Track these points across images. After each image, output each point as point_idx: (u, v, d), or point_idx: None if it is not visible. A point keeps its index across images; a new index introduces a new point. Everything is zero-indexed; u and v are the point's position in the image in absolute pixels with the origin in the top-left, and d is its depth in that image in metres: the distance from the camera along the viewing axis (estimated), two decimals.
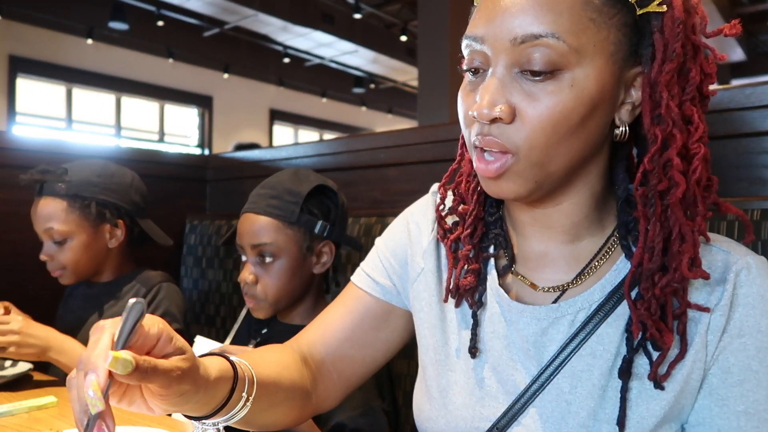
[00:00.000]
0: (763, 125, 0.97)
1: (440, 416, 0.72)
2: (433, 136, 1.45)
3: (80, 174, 1.31)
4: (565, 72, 0.58)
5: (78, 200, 1.29)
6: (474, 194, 0.74)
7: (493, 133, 0.61)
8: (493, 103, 0.59)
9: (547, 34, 0.57)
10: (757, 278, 0.62)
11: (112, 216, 1.34)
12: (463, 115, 0.65)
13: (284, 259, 1.13)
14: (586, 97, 0.59)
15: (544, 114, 0.58)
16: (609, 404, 0.63)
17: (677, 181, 0.59)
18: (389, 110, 12.69)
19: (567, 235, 0.69)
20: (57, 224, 1.28)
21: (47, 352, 1.16)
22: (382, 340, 0.82)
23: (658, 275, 0.60)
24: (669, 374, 0.61)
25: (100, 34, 7.84)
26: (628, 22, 0.60)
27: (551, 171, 0.62)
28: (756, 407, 0.61)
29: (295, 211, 1.13)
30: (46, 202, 1.28)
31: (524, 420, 0.66)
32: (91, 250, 1.32)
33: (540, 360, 0.67)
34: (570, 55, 0.57)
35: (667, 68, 0.59)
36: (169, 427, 0.90)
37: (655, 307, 0.60)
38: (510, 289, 0.72)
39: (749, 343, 0.61)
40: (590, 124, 0.60)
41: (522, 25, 0.58)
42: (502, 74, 0.60)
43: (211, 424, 0.64)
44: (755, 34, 10.05)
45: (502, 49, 0.60)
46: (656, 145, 0.59)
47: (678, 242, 0.59)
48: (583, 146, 0.62)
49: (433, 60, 4.88)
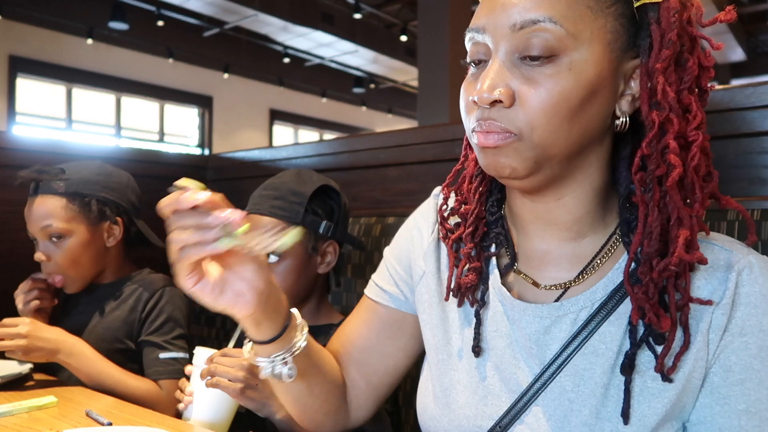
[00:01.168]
0: (763, 125, 0.97)
1: (443, 415, 0.72)
2: (433, 136, 1.45)
3: (79, 173, 1.31)
4: (563, 56, 0.60)
5: (77, 198, 1.29)
6: (476, 194, 0.75)
7: (494, 116, 0.62)
8: (493, 87, 0.61)
9: (545, 19, 0.59)
10: (759, 277, 0.62)
11: (111, 214, 1.34)
12: (465, 102, 0.66)
13: (290, 260, 1.13)
14: (584, 81, 0.60)
15: (544, 96, 0.60)
16: (611, 402, 0.63)
17: (674, 164, 0.60)
18: (389, 110, 12.70)
19: (569, 232, 0.69)
20: (56, 222, 1.26)
21: (56, 354, 1.15)
22: (401, 349, 0.84)
23: (656, 260, 0.61)
24: (675, 367, 0.61)
25: (100, 34, 7.84)
26: (625, 13, 0.62)
27: (552, 154, 0.62)
28: (757, 406, 0.61)
29: (300, 212, 1.13)
30: (43, 200, 1.27)
31: (527, 418, 0.67)
32: (90, 249, 1.31)
33: (543, 358, 0.67)
34: (567, 40, 0.59)
35: (663, 56, 0.60)
36: (170, 427, 0.90)
37: (653, 291, 0.61)
38: (512, 288, 0.72)
39: (751, 342, 0.61)
40: (590, 109, 0.62)
41: (521, 12, 0.60)
42: (502, 60, 0.62)
43: (280, 360, 0.72)
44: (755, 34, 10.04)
45: (502, 36, 0.62)
46: (654, 130, 0.61)
47: (676, 227, 0.60)
48: (584, 131, 0.63)
49: (433, 60, 4.88)
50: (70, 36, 7.76)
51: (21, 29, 7.32)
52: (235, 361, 0.93)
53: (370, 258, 1.36)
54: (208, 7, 7.97)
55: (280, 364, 0.73)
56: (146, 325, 1.30)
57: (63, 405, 1.02)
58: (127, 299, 1.33)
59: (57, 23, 7.52)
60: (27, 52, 7.42)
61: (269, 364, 0.73)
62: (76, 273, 1.30)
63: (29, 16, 7.28)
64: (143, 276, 1.40)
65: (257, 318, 0.70)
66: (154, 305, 1.32)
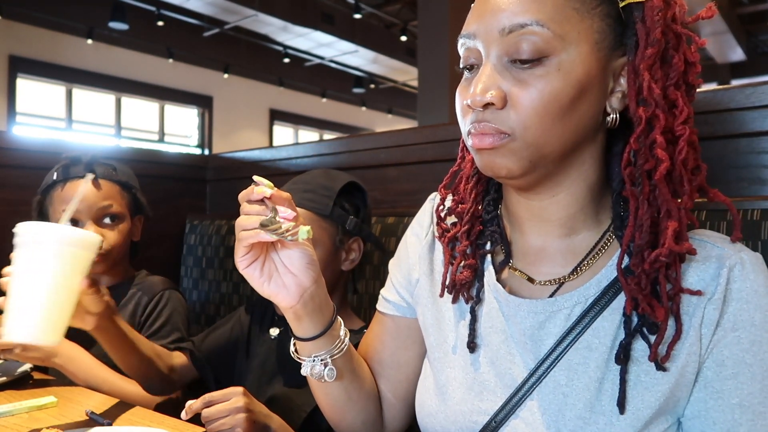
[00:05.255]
0: (763, 125, 0.98)
1: (440, 411, 0.74)
2: (433, 136, 1.45)
3: (122, 167, 1.38)
4: (552, 57, 0.62)
5: (126, 188, 1.36)
6: (472, 193, 0.77)
7: (487, 118, 0.64)
8: (486, 90, 0.63)
9: (533, 22, 0.61)
10: (750, 273, 0.63)
11: (140, 209, 1.41)
12: (460, 106, 0.68)
13: (318, 251, 1.12)
14: (573, 80, 0.62)
15: (535, 96, 0.62)
16: (606, 396, 0.64)
17: (661, 158, 0.61)
18: (389, 110, 12.70)
19: (563, 228, 0.71)
20: (116, 204, 1.32)
21: (53, 358, 1.15)
22: (415, 356, 0.85)
23: (647, 251, 0.62)
24: (669, 355, 0.63)
25: (100, 34, 7.84)
26: (611, 13, 0.64)
27: (546, 152, 0.64)
28: (750, 400, 0.62)
29: (329, 205, 1.14)
30: (103, 183, 1.31)
31: (522, 413, 0.68)
32: (127, 239, 1.36)
33: (537, 353, 0.68)
34: (555, 41, 0.61)
35: (648, 53, 0.62)
36: (170, 427, 0.90)
37: (645, 282, 0.62)
38: (507, 284, 0.74)
39: (743, 336, 0.63)
40: (580, 107, 0.63)
41: (509, 17, 0.62)
42: (493, 64, 0.64)
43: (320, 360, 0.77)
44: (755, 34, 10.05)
45: (492, 41, 0.64)
46: (641, 126, 0.62)
47: (665, 219, 0.62)
48: (576, 129, 0.64)
49: (433, 60, 4.88)
50: (70, 36, 7.76)
51: (21, 29, 7.32)
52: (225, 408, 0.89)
53: (370, 258, 1.35)
54: (208, 7, 7.97)
55: (320, 364, 0.77)
56: (145, 329, 1.31)
57: (63, 405, 1.02)
58: (128, 303, 1.34)
59: (57, 23, 7.52)
60: (27, 52, 7.43)
61: (309, 362, 0.77)
62: (118, 255, 1.34)
63: (29, 16, 7.28)
64: (142, 278, 1.40)
65: (298, 313, 0.75)
66: (154, 308, 1.32)
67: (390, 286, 0.87)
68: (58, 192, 1.29)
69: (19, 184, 1.31)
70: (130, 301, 1.34)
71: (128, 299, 1.34)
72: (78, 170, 1.30)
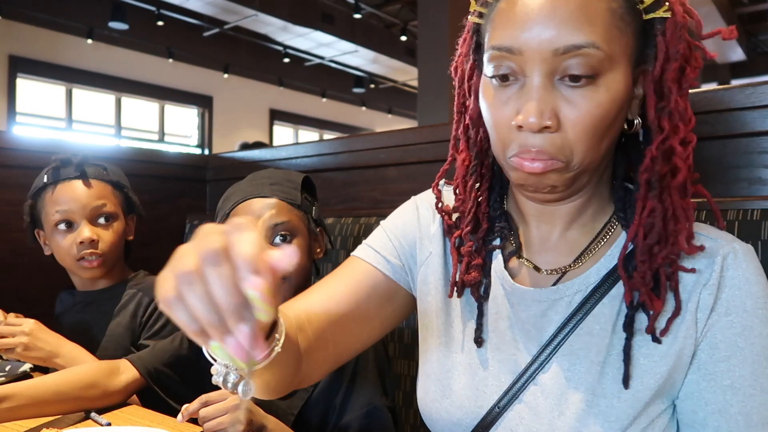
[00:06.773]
0: (763, 125, 0.98)
1: (444, 397, 0.75)
2: (433, 136, 1.45)
3: (112, 166, 1.39)
4: (601, 77, 0.62)
5: (118, 188, 1.37)
6: (472, 192, 0.77)
7: (540, 143, 0.63)
8: (541, 113, 0.62)
9: (588, 44, 0.60)
10: (742, 262, 0.66)
11: (133, 208, 1.41)
12: (502, 123, 0.65)
13: (300, 239, 1.11)
14: (617, 98, 0.63)
15: (587, 118, 0.62)
16: (606, 380, 0.67)
17: (680, 167, 0.64)
18: (389, 110, 12.70)
19: (572, 222, 0.74)
20: (109, 203, 1.32)
21: (54, 359, 1.16)
22: (382, 318, 0.82)
23: (657, 247, 0.65)
24: (668, 329, 0.65)
25: (100, 34, 7.84)
26: (638, 27, 0.65)
27: (586, 169, 0.66)
28: (741, 382, 0.65)
29: (298, 195, 1.14)
30: (94, 183, 1.31)
31: (525, 397, 0.70)
32: (122, 238, 1.36)
33: (540, 340, 0.71)
34: (605, 62, 0.62)
35: (672, 66, 0.64)
36: (169, 427, 0.90)
37: (649, 277, 0.65)
38: (515, 273, 0.76)
39: (735, 321, 0.65)
40: (618, 122, 0.66)
41: (562, 37, 0.61)
42: (543, 83, 0.62)
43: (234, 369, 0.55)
44: (755, 34, 10.05)
45: (542, 59, 0.62)
46: (662, 135, 0.65)
47: (674, 220, 0.65)
48: (611, 142, 0.67)
49: (433, 60, 4.88)
50: (70, 36, 7.76)
51: (21, 29, 7.31)
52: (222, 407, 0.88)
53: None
54: (208, 7, 7.97)
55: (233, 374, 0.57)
56: (146, 329, 1.31)
57: None
58: (128, 305, 1.34)
59: (57, 23, 7.52)
60: (27, 52, 7.42)
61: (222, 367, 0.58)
62: (114, 255, 1.33)
63: (29, 16, 7.27)
64: (140, 279, 1.40)
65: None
66: (155, 309, 1.32)
67: (389, 247, 0.82)
68: (49, 195, 1.29)
69: (20, 184, 1.31)
70: (131, 302, 1.34)
71: (129, 300, 1.34)
72: (68, 172, 1.30)
